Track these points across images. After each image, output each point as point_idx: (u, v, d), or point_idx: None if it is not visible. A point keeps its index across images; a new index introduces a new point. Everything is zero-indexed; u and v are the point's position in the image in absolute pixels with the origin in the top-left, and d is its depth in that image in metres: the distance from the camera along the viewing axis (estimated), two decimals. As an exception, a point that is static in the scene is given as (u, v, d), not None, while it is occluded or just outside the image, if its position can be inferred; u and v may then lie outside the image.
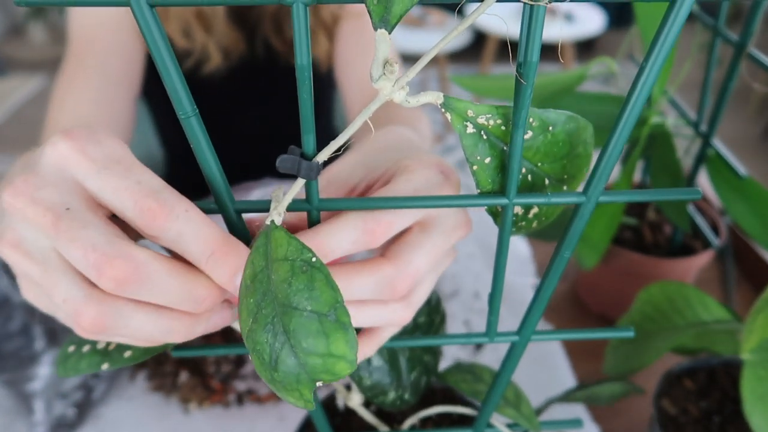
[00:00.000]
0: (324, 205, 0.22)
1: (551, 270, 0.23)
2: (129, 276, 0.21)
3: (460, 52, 3.03)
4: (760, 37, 3.01)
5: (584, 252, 0.54)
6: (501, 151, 0.21)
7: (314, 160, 0.20)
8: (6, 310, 0.51)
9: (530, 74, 0.18)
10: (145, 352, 0.24)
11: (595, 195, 0.20)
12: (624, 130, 0.18)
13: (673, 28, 0.16)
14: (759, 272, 0.69)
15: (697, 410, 0.44)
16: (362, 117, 0.19)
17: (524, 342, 0.26)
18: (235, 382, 0.56)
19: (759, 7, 0.41)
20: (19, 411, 0.51)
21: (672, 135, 0.52)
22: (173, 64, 0.18)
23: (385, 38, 0.17)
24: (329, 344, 0.19)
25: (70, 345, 0.25)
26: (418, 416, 0.34)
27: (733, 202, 0.49)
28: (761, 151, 2.47)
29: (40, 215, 0.22)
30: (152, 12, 0.17)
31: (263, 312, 0.19)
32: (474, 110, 0.20)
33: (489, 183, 0.21)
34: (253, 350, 0.20)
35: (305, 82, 0.18)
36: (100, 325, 0.22)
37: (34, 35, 3.21)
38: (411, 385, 0.31)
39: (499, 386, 0.28)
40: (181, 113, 0.19)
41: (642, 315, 0.45)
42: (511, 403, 0.31)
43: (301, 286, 0.19)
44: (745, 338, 0.36)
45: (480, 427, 0.31)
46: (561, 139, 0.22)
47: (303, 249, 0.20)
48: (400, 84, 0.18)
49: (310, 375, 0.19)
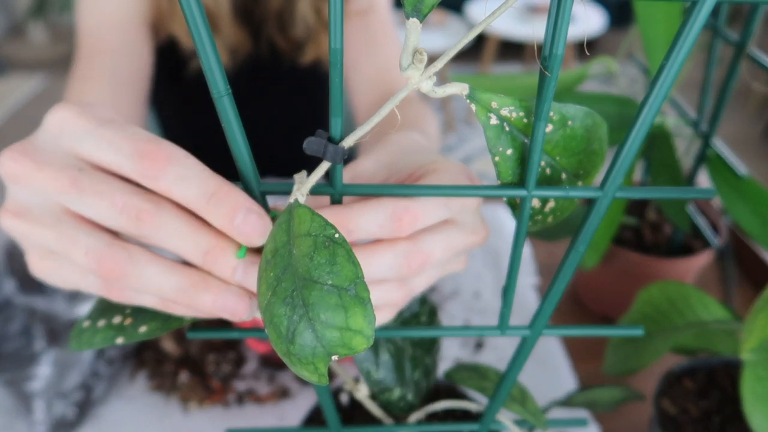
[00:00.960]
0: (347, 189, 0.22)
1: (565, 264, 0.23)
2: (151, 216, 0.22)
3: (460, 53, 3.03)
4: (760, 37, 2.99)
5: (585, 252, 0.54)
6: (522, 144, 0.22)
7: (340, 144, 0.20)
8: (7, 312, 0.51)
9: (555, 67, 0.18)
10: (161, 328, 0.24)
11: (612, 190, 0.20)
12: (642, 126, 0.19)
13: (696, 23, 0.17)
14: (759, 272, 0.69)
15: (697, 410, 0.44)
16: (390, 104, 0.19)
17: (535, 336, 0.26)
18: (235, 382, 0.56)
19: (759, 7, 0.41)
20: (19, 411, 0.51)
21: (672, 135, 0.52)
22: (211, 42, 0.18)
23: (416, 27, 0.17)
24: (347, 318, 0.19)
25: (86, 320, 0.25)
26: (424, 411, 0.35)
27: (733, 202, 0.49)
28: (761, 151, 2.47)
29: (52, 178, 0.22)
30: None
31: (283, 285, 0.20)
32: (498, 102, 0.21)
33: (509, 174, 0.22)
34: (270, 323, 0.20)
35: (337, 65, 0.18)
36: (121, 270, 0.22)
37: (34, 35, 3.21)
38: (414, 384, 0.31)
39: (509, 381, 0.28)
40: (215, 92, 0.19)
41: (642, 315, 0.45)
42: (517, 400, 0.31)
43: (322, 261, 0.19)
44: (745, 338, 0.36)
45: (487, 422, 0.31)
46: (579, 134, 0.22)
47: (326, 225, 0.20)
48: (428, 74, 0.19)
49: (327, 348, 0.19)
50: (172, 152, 0.22)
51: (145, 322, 0.25)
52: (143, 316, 0.25)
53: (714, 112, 0.49)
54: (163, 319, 0.25)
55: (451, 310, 0.65)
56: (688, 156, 0.54)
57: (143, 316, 0.25)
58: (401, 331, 0.27)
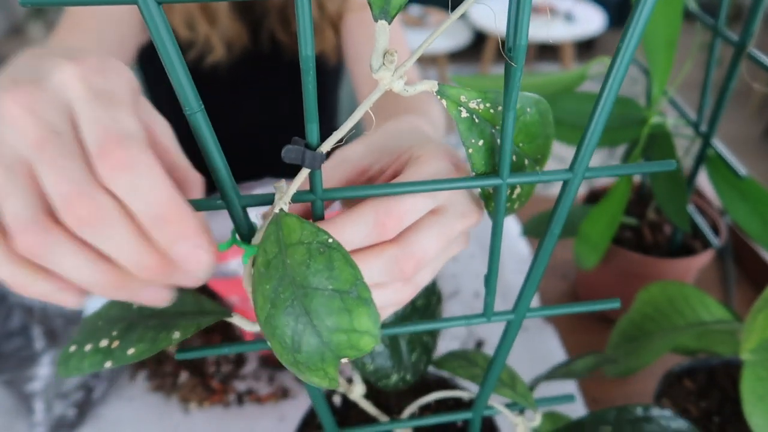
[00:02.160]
0: (328, 195, 0.22)
1: (542, 247, 0.23)
2: (93, 218, 0.21)
3: (460, 52, 3.03)
4: (760, 37, 2.99)
5: (584, 252, 0.54)
6: (490, 134, 0.22)
7: (318, 150, 0.20)
8: (3, 310, 0.51)
9: (519, 57, 0.19)
10: (149, 349, 0.24)
11: (581, 170, 0.21)
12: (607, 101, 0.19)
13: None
14: (759, 272, 0.69)
15: (697, 410, 0.44)
16: (363, 107, 0.19)
17: (519, 320, 0.27)
18: (235, 382, 0.56)
19: (759, 7, 0.41)
20: (19, 411, 0.51)
21: (672, 135, 0.52)
22: (179, 60, 0.18)
23: (385, 29, 0.18)
24: (352, 320, 0.19)
25: (72, 345, 0.25)
26: (416, 404, 0.35)
27: (733, 202, 0.49)
28: (761, 151, 2.47)
29: (30, 127, 0.21)
30: (159, 9, 0.17)
31: (282, 296, 0.20)
32: (466, 95, 0.22)
33: (482, 165, 0.23)
34: (273, 336, 0.20)
35: (309, 72, 0.18)
36: (35, 251, 0.21)
37: (34, 35, 3.21)
38: (412, 366, 0.32)
39: (497, 366, 0.29)
40: (188, 109, 0.19)
41: (642, 315, 0.45)
42: (507, 384, 0.32)
43: (320, 267, 0.19)
44: (745, 338, 0.36)
45: (480, 408, 0.32)
46: (536, 120, 0.24)
47: (318, 231, 0.20)
48: (398, 73, 0.19)
49: (335, 352, 0.19)
50: (134, 156, 0.21)
51: (132, 344, 0.24)
52: (130, 338, 0.24)
53: (714, 112, 0.49)
54: (151, 341, 0.24)
55: (451, 309, 0.65)
56: (688, 156, 0.54)
57: (130, 337, 0.24)
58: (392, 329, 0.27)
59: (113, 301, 0.27)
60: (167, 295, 0.23)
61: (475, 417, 0.33)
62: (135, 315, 0.26)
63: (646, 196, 0.63)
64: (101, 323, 0.26)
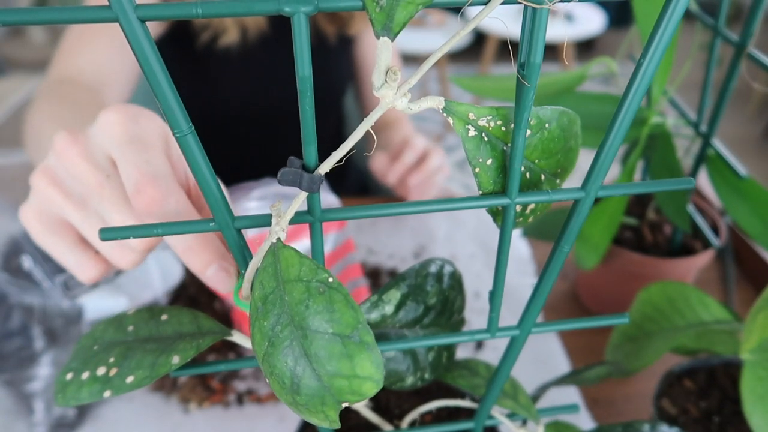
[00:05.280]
0: (326, 216, 0.21)
1: (550, 264, 0.23)
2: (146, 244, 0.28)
3: (460, 53, 3.03)
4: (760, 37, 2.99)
5: (584, 252, 0.54)
6: (501, 152, 0.21)
7: (316, 172, 0.19)
8: (3, 310, 0.51)
9: (533, 76, 0.18)
10: (149, 376, 0.23)
11: (593, 189, 0.20)
12: (622, 125, 0.18)
13: (671, 22, 0.16)
14: (759, 272, 0.69)
15: (697, 410, 0.44)
16: (365, 125, 0.19)
17: (524, 336, 0.26)
18: (235, 382, 0.56)
19: (759, 7, 0.41)
20: (19, 411, 0.51)
21: (672, 135, 0.52)
22: (166, 79, 0.17)
23: (387, 46, 0.17)
24: (354, 366, 0.18)
25: (67, 372, 0.24)
26: (417, 412, 0.34)
27: (733, 202, 0.49)
28: (761, 151, 2.47)
29: (88, 172, 0.27)
30: (143, 26, 0.15)
31: (280, 336, 0.19)
32: (475, 113, 0.20)
33: (491, 184, 0.21)
34: (271, 374, 0.19)
35: (307, 93, 0.17)
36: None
37: (34, 35, 3.21)
38: (430, 365, 0.30)
39: (500, 380, 0.28)
40: (176, 132, 0.18)
41: (642, 315, 0.45)
42: (509, 395, 0.31)
43: (320, 308, 0.19)
44: (745, 338, 0.36)
45: (481, 420, 0.31)
46: (556, 135, 0.22)
47: (318, 269, 0.19)
48: (402, 91, 0.18)
49: (336, 397, 0.18)
50: (164, 195, 0.25)
51: (131, 371, 0.24)
52: (128, 365, 0.24)
53: (714, 112, 0.49)
54: (149, 367, 0.24)
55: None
56: (688, 156, 0.54)
57: (128, 364, 0.24)
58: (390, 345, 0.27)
59: (107, 323, 0.26)
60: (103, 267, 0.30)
61: (476, 428, 0.32)
62: (131, 338, 0.25)
63: (646, 196, 0.63)
64: (97, 348, 0.25)
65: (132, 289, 0.57)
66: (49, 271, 0.54)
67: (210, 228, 0.21)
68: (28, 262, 0.53)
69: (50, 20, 0.15)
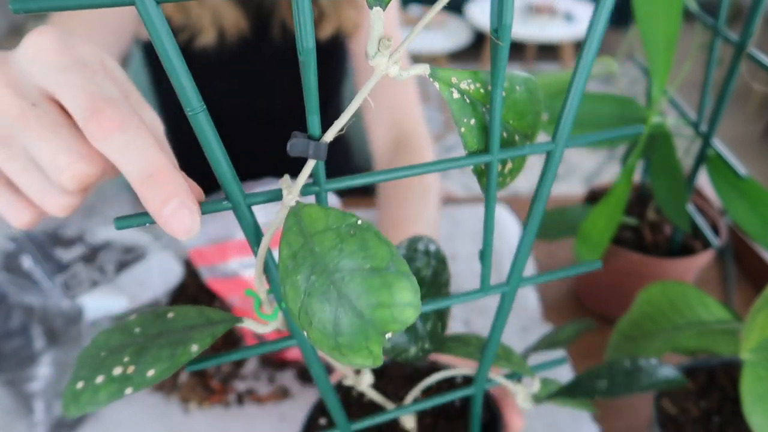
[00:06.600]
0: (332, 185, 0.23)
1: (531, 217, 0.25)
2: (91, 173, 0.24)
3: (460, 52, 3.03)
4: (760, 37, 2.99)
5: (584, 252, 0.54)
6: (482, 113, 0.23)
7: (321, 140, 0.21)
8: (3, 310, 0.51)
9: (505, 36, 0.20)
10: (170, 368, 0.23)
11: (561, 142, 0.23)
12: (583, 71, 0.21)
13: None
14: (759, 272, 0.69)
15: (697, 410, 0.44)
16: (362, 94, 0.20)
17: (513, 291, 0.29)
18: (235, 382, 0.56)
19: (759, 7, 0.41)
20: (19, 411, 0.51)
21: (672, 135, 0.52)
22: (179, 59, 0.18)
23: (379, 16, 0.18)
24: (393, 294, 0.19)
25: (77, 382, 0.23)
26: (418, 389, 0.36)
27: (733, 202, 0.49)
28: (761, 151, 2.47)
29: (9, 100, 0.24)
30: (158, 10, 0.17)
31: (316, 285, 0.20)
32: (457, 77, 0.22)
33: (475, 143, 0.24)
34: (311, 325, 0.20)
35: (311, 65, 0.18)
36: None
37: (34, 35, 3.21)
38: (428, 335, 0.32)
39: (494, 338, 0.30)
40: (189, 109, 0.19)
41: (642, 315, 0.45)
42: (503, 357, 0.33)
43: (353, 249, 0.20)
44: (745, 338, 0.36)
45: (481, 382, 0.33)
46: (525, 98, 0.25)
47: (345, 215, 0.20)
48: (393, 58, 0.19)
49: (379, 328, 0.19)
50: (124, 119, 0.22)
51: (150, 365, 0.23)
52: (145, 360, 0.23)
53: (714, 112, 0.49)
54: (169, 358, 0.23)
55: (451, 309, 0.65)
56: (688, 156, 0.54)
57: (145, 359, 0.23)
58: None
59: (109, 330, 0.26)
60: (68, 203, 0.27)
61: (476, 392, 0.34)
62: (141, 338, 0.25)
63: (646, 196, 0.63)
64: (104, 354, 0.24)
65: (132, 289, 0.57)
66: (49, 271, 0.54)
67: (223, 207, 0.22)
68: (28, 262, 0.53)
69: (68, 6, 0.16)
